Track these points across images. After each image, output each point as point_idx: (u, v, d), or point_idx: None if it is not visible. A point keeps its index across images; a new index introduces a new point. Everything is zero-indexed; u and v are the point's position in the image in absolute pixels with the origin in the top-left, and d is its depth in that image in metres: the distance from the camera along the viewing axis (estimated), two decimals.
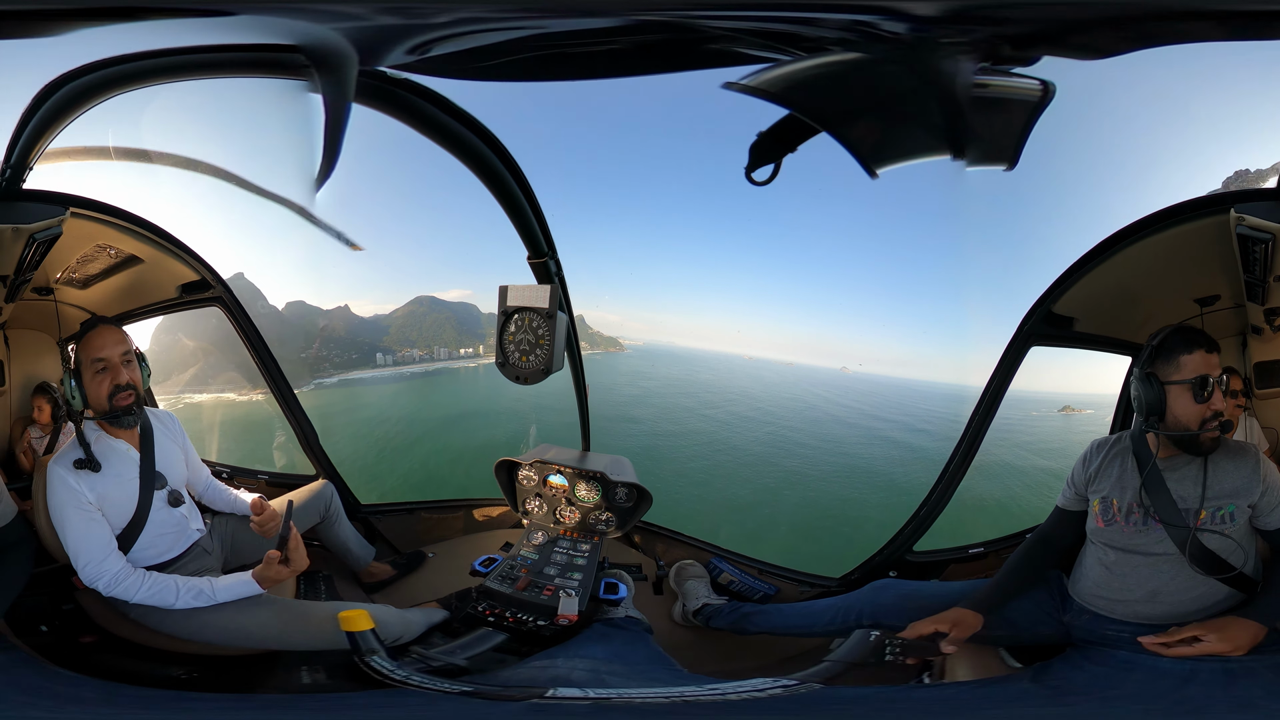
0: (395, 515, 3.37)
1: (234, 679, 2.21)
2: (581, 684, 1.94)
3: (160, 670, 2.17)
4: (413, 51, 1.92)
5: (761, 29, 1.85)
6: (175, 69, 2.03)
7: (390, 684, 1.90)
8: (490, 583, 2.46)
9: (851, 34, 1.85)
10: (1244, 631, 1.83)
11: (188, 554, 2.34)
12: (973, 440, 2.78)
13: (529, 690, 1.83)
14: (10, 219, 2.09)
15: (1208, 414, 1.91)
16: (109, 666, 2.17)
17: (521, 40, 1.89)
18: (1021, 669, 2.16)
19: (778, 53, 1.91)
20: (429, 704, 1.82)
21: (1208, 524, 1.92)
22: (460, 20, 1.81)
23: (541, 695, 1.78)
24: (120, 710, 1.79)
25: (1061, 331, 2.62)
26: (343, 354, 12.07)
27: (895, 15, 1.76)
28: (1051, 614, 2.17)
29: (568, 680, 1.96)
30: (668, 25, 1.86)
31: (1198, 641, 1.83)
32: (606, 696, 1.78)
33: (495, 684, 1.99)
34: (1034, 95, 1.97)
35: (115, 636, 2.22)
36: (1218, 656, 1.80)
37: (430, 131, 2.15)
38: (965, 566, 2.82)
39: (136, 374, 2.21)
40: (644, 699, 1.78)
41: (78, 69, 1.93)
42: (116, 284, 2.73)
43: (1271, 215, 2.00)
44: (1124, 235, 2.34)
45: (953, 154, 2.15)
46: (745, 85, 1.96)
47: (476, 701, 1.83)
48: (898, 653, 2.00)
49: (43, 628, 2.19)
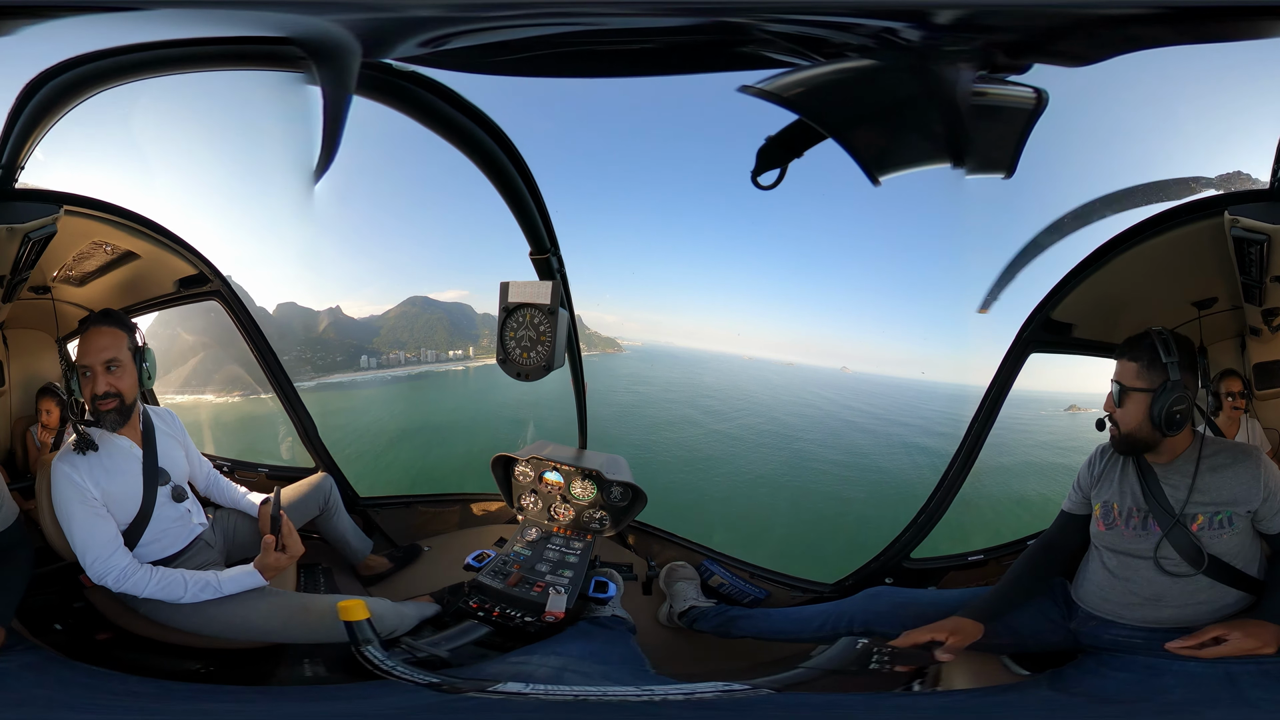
0: (393, 508, 3.44)
1: (247, 672, 2.30)
2: (543, 680, 1.98)
3: (178, 664, 2.26)
4: (427, 44, 1.94)
5: (798, 34, 1.90)
6: (167, 62, 2.05)
7: (380, 674, 1.97)
8: (482, 578, 2.51)
9: (872, 40, 1.90)
10: (1267, 630, 1.87)
11: (191, 548, 2.41)
12: (973, 446, 2.82)
13: (477, 683, 1.89)
14: (3, 219, 2.10)
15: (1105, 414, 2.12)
16: (133, 663, 2.24)
17: (545, 37, 1.93)
18: (1030, 677, 2.18)
19: (799, 58, 1.96)
20: (395, 693, 1.90)
21: (1205, 529, 1.98)
22: (490, 15, 1.83)
23: (484, 690, 1.84)
24: (167, 704, 1.85)
25: (1060, 338, 2.67)
26: (327, 356, 11.90)
27: (916, 23, 1.83)
28: (1057, 621, 2.20)
29: (528, 676, 2.00)
30: (710, 27, 1.90)
31: (1222, 641, 1.87)
32: (571, 694, 1.82)
33: (459, 677, 2.03)
34: (1028, 103, 2.03)
35: (129, 632, 2.29)
36: (1250, 657, 1.84)
37: (435, 125, 2.18)
38: (965, 574, 2.84)
39: (120, 379, 2.20)
40: (605, 697, 1.82)
41: (65, 62, 1.94)
42: (114, 280, 2.79)
43: (1265, 216, 2.05)
44: (1120, 241, 2.40)
45: (952, 161, 2.19)
46: (761, 90, 2.01)
47: (436, 693, 1.89)
48: (885, 661, 2.03)
49: (57, 626, 2.27)
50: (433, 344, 14.44)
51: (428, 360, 14.14)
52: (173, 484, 2.35)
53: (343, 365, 12.77)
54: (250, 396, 3.49)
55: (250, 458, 3.31)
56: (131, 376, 2.23)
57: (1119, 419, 2.08)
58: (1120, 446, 2.11)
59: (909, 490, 3.08)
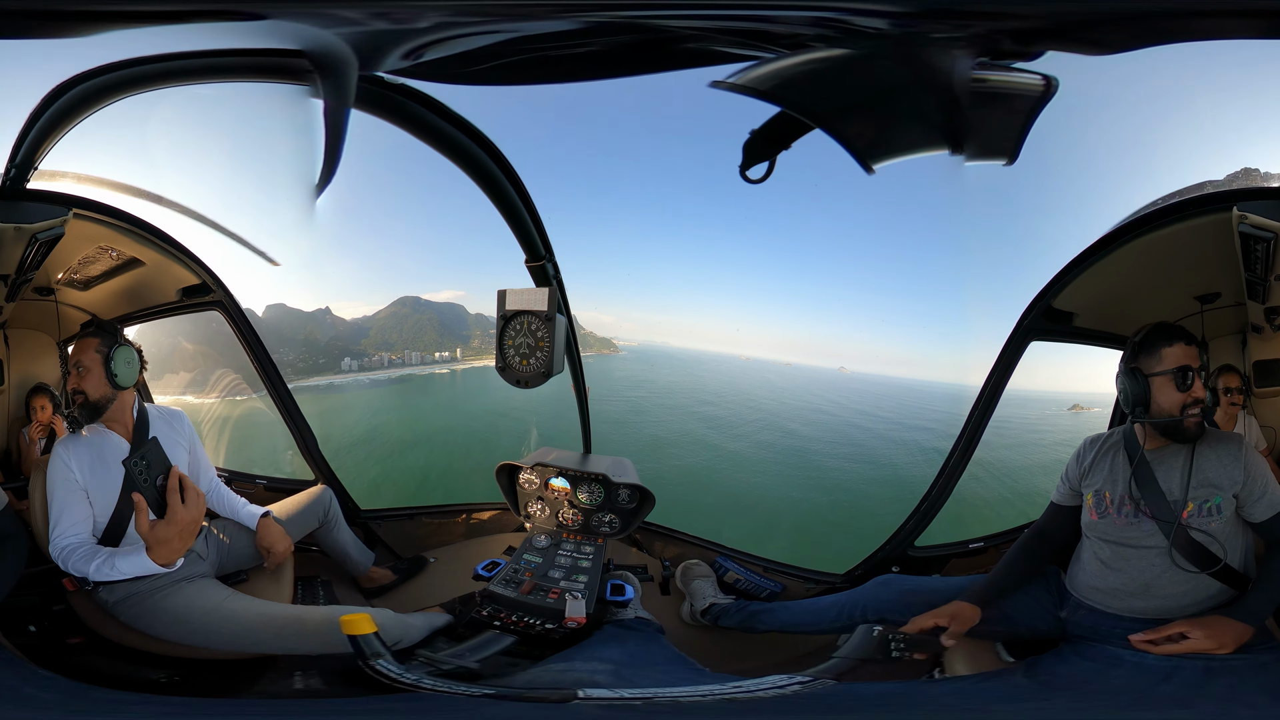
0: (395, 520, 3.48)
1: (218, 683, 2.28)
2: (608, 685, 2.00)
3: (139, 673, 2.25)
4: (407, 57, 2.00)
5: (727, 27, 1.91)
6: (182, 73, 2.10)
7: (400, 688, 1.92)
8: (494, 586, 2.54)
9: (826, 29, 1.90)
10: (1229, 630, 1.92)
11: None
12: (972, 436, 2.91)
13: (560, 692, 1.88)
14: (13, 218, 2.18)
15: (1188, 401, 2.07)
16: (88, 667, 2.25)
17: (504, 44, 1.96)
18: (1015, 663, 2.27)
19: (756, 50, 1.97)
20: (452, 708, 1.85)
21: (1194, 516, 2.03)
22: (442, 24, 1.87)
23: (574, 696, 1.83)
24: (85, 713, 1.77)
25: (1061, 327, 2.73)
26: (310, 359, 11.62)
27: (865, 12, 1.83)
28: (1049, 609, 2.28)
29: (593, 682, 2.02)
30: (629, 27, 1.92)
31: (1185, 639, 1.94)
32: (645, 696, 1.83)
33: (519, 686, 2.04)
34: (1035, 90, 2.03)
35: (102, 638, 2.31)
36: (1202, 655, 1.90)
37: (427, 137, 2.22)
38: (966, 561, 2.95)
39: (85, 380, 2.36)
40: (679, 698, 1.84)
41: (87, 72, 2.01)
42: (117, 286, 2.84)
43: (1274, 214, 2.10)
44: (1125, 231, 2.45)
45: (951, 149, 2.21)
46: (731, 84, 2.01)
47: (506, 704, 1.87)
48: (902, 648, 2.11)
49: (31, 628, 2.28)
50: (420, 345, 14.14)
51: (411, 362, 13.75)
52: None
53: (325, 368, 12.52)
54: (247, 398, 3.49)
55: (247, 469, 3.33)
56: (97, 377, 2.37)
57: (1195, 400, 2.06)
58: (1189, 433, 2.07)
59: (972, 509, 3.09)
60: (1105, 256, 2.51)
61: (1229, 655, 1.89)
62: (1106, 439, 2.27)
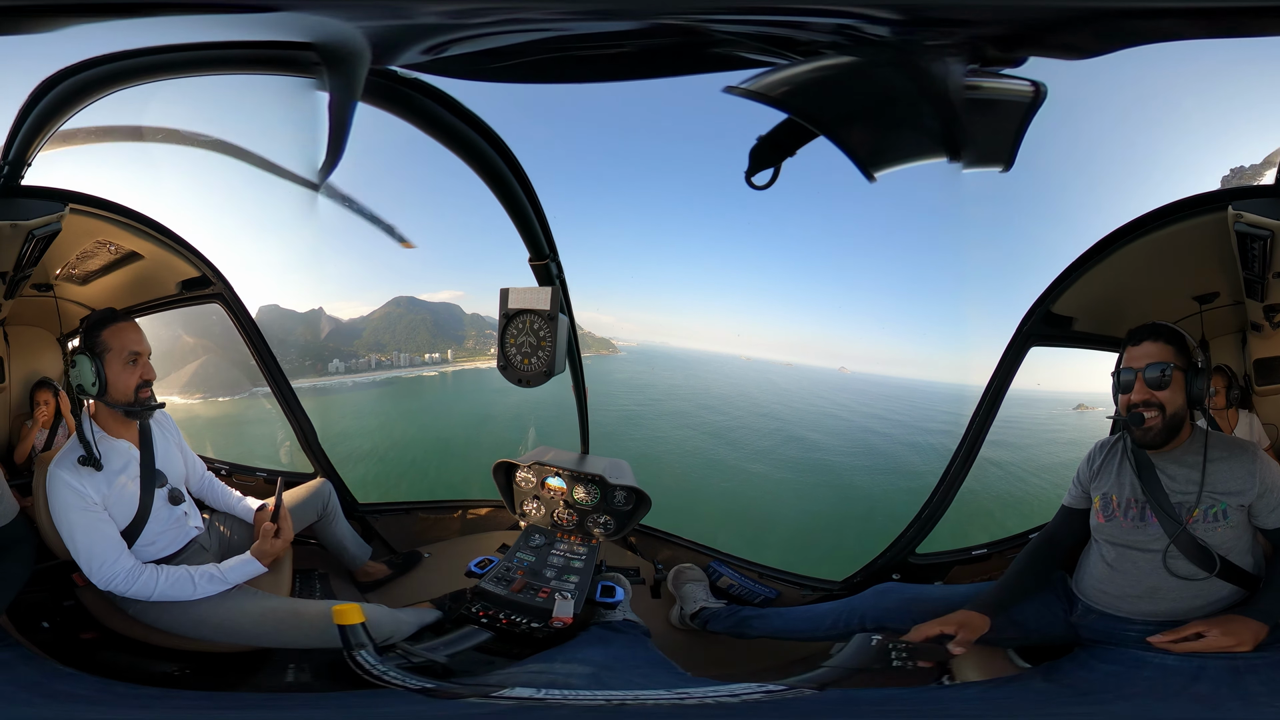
0: (392, 515, 3.54)
1: (225, 677, 2.34)
2: (576, 686, 2.04)
3: (155, 667, 2.31)
4: (429, 51, 2.05)
5: (762, 33, 2.00)
6: (179, 65, 2.15)
7: (369, 680, 2.01)
8: (485, 584, 2.59)
9: (839, 37, 1.98)
10: (1247, 628, 1.96)
11: (185, 550, 2.51)
12: (974, 441, 2.94)
13: (482, 688, 1.94)
14: (9, 215, 2.20)
15: (1131, 402, 2.12)
16: (107, 662, 2.31)
17: (537, 43, 2.03)
18: (1030, 669, 2.28)
19: (775, 57, 2.06)
20: (398, 700, 1.93)
21: (1200, 521, 2.07)
22: (484, 21, 1.94)
23: (489, 694, 1.89)
24: (116, 707, 1.89)
25: (1061, 331, 2.78)
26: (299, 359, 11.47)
27: (872, 19, 1.90)
28: (1059, 614, 2.30)
29: (567, 684, 2.06)
30: (679, 29, 1.99)
31: (1202, 637, 1.97)
32: (609, 699, 1.86)
33: (467, 683, 2.09)
34: (1024, 96, 2.10)
35: (113, 632, 2.37)
36: (1224, 654, 1.93)
37: (436, 132, 2.27)
38: (969, 568, 2.96)
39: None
40: (644, 701, 1.87)
41: (77, 64, 2.05)
42: (116, 280, 2.90)
43: (1269, 212, 2.14)
44: (1122, 234, 2.49)
45: (948, 155, 2.27)
46: (745, 89, 2.10)
47: (438, 702, 1.93)
48: (904, 657, 2.13)
49: (44, 624, 2.34)
50: (412, 346, 13.91)
51: (399, 364, 13.49)
52: (170, 486, 2.45)
53: (311, 369, 12.32)
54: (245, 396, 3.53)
55: (247, 461, 3.39)
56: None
57: (1166, 401, 2.08)
58: (1158, 437, 2.11)
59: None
60: (1103, 260, 2.54)
61: (1252, 654, 1.92)
62: (1115, 441, 2.29)
